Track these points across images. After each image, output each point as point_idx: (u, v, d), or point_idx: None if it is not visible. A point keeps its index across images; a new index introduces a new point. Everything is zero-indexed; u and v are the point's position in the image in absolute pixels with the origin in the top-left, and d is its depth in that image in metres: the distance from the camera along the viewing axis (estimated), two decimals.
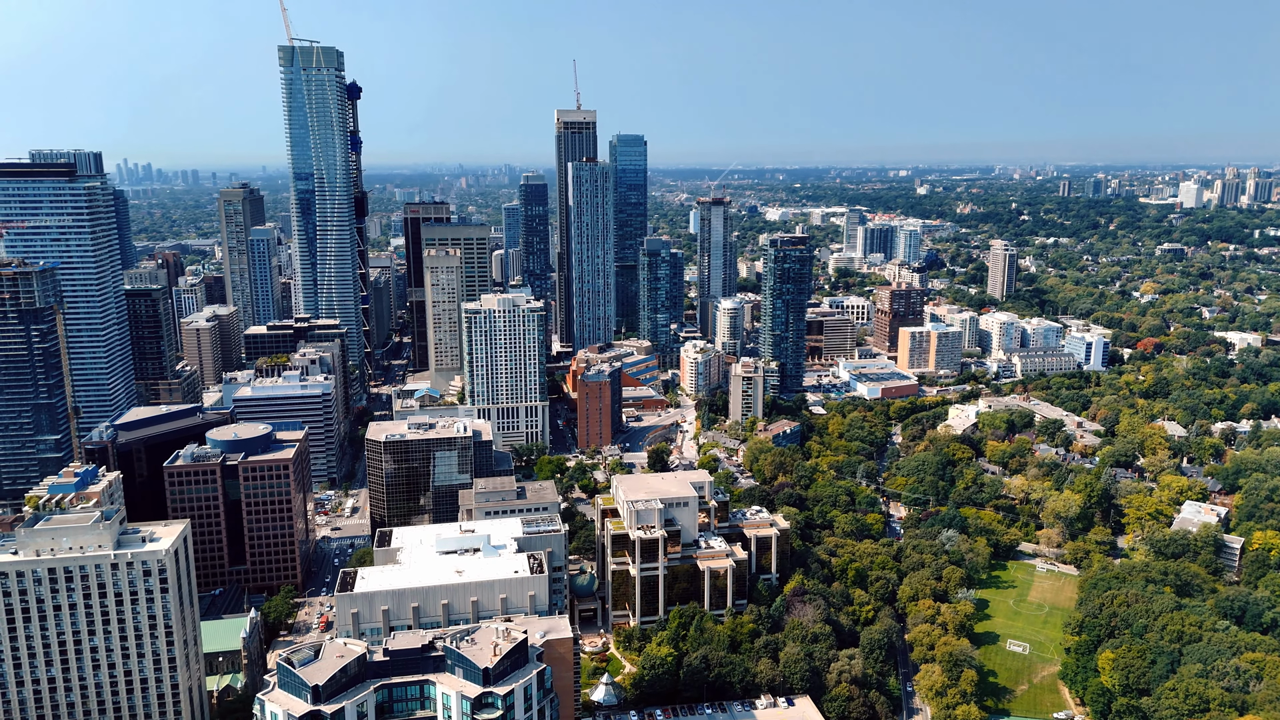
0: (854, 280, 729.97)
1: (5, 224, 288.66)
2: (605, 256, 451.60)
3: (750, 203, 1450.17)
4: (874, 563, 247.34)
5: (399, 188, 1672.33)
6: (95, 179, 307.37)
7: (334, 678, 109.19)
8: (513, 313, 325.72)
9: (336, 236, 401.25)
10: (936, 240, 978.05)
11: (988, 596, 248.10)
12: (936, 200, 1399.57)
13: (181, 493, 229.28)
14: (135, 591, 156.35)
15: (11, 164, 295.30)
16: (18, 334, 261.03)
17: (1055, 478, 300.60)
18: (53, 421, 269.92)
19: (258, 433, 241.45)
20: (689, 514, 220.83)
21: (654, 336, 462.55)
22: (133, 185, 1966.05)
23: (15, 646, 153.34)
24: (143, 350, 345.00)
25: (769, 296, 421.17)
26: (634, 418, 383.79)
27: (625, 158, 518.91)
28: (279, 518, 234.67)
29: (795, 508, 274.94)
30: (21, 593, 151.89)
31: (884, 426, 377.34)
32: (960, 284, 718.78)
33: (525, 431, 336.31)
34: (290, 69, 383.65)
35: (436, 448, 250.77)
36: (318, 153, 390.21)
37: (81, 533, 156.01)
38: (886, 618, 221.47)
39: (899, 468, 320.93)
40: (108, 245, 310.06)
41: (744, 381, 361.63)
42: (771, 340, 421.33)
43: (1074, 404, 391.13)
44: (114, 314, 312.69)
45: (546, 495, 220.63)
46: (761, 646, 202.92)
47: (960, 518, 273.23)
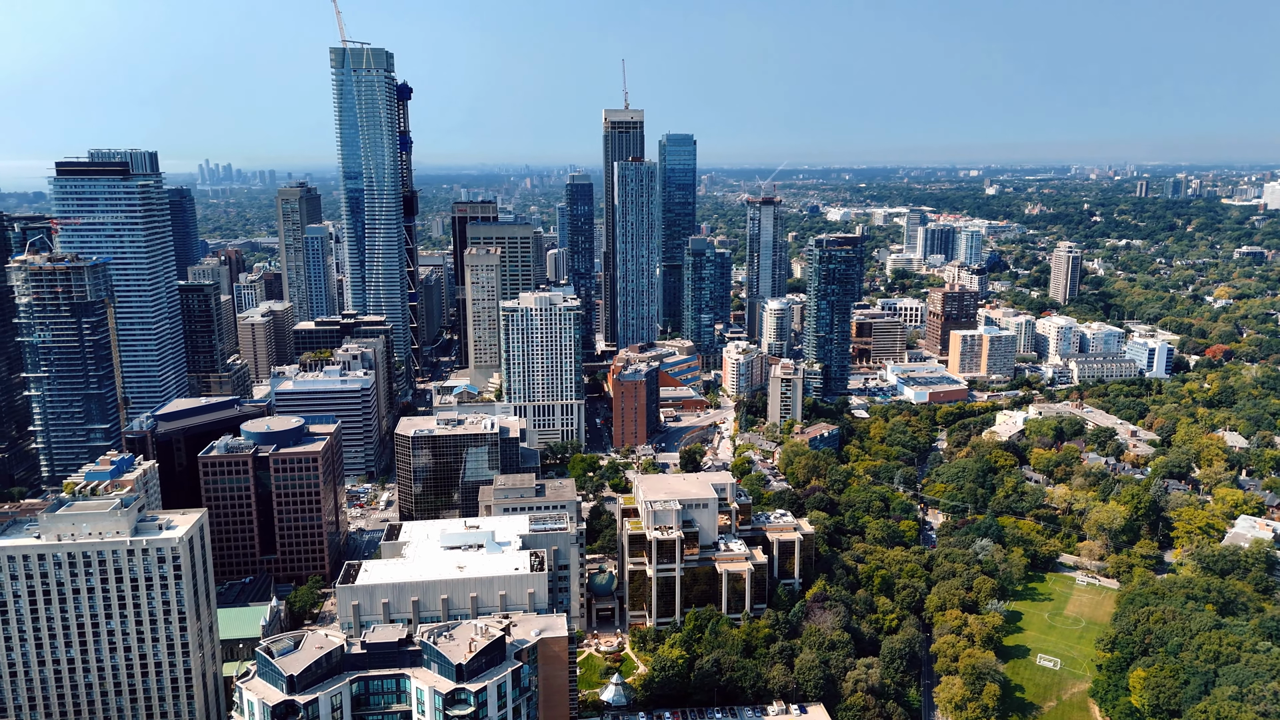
0: (911, 282, 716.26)
1: (63, 220, 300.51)
2: (650, 256, 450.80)
3: (812, 202, 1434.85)
4: (902, 570, 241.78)
5: (465, 188, 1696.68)
6: (149, 178, 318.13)
7: (310, 668, 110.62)
8: (550, 311, 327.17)
9: (385, 235, 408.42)
10: (1002, 242, 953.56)
11: (1021, 609, 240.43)
12: (1005, 201, 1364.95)
13: (215, 482, 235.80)
14: (150, 577, 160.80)
15: (69, 162, 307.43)
16: (70, 326, 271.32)
17: (1102, 488, 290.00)
18: (102, 411, 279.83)
19: (290, 425, 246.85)
20: (708, 516, 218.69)
21: (697, 337, 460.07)
22: (213, 185, 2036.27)
23: (37, 627, 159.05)
24: (195, 343, 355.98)
25: (813, 297, 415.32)
26: (672, 418, 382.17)
27: (674, 157, 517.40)
28: (308, 509, 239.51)
29: (825, 512, 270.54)
30: (43, 575, 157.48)
31: (929, 432, 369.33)
32: (1022, 287, 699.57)
33: (561, 429, 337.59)
34: (341, 70, 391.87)
35: (463, 444, 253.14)
36: (367, 152, 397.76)
37: (101, 519, 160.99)
38: (910, 627, 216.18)
39: (938, 474, 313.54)
40: (160, 241, 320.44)
41: (782, 383, 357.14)
42: (815, 342, 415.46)
43: (1130, 412, 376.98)
44: (165, 308, 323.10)
45: (565, 494, 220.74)
46: (777, 652, 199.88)
47: (997, 527, 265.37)
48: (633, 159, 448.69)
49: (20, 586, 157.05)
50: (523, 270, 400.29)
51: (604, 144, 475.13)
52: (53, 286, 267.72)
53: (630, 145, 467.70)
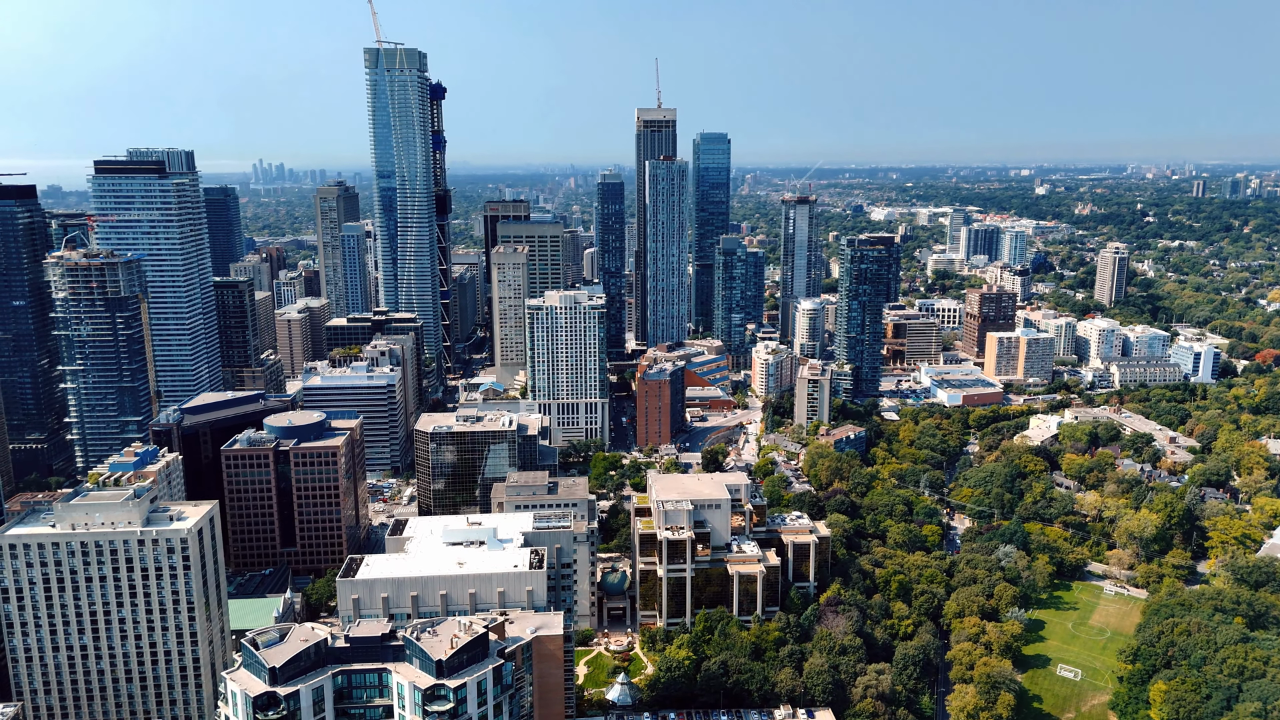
0: (951, 282, 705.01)
1: (102, 217, 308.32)
2: (680, 255, 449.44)
3: (857, 202, 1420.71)
4: (922, 576, 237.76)
5: (510, 187, 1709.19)
6: (184, 176, 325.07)
7: (292, 661, 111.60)
8: (575, 309, 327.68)
9: (416, 233, 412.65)
10: (1049, 242, 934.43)
11: (1045, 617, 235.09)
12: (1055, 200, 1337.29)
13: (237, 475, 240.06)
14: (160, 567, 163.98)
15: (107, 161, 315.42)
16: (104, 321, 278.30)
17: (1135, 495, 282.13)
18: (135, 403, 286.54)
19: (311, 420, 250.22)
20: (720, 516, 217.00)
21: (728, 336, 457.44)
22: (266, 184, 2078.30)
23: (51, 614, 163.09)
24: (229, 339, 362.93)
25: (845, 298, 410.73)
26: (699, 417, 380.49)
27: (708, 156, 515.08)
28: (327, 502, 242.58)
29: (846, 515, 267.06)
30: (56, 564, 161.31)
31: (960, 435, 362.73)
32: (1067, 288, 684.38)
33: (585, 427, 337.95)
34: (375, 70, 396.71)
35: (482, 441, 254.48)
36: (399, 151, 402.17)
37: (113, 509, 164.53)
38: (926, 633, 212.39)
39: (966, 478, 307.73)
40: (194, 238, 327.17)
41: (809, 384, 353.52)
42: (846, 343, 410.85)
43: (1171, 418, 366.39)
44: (200, 303, 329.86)
45: (577, 492, 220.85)
46: (786, 655, 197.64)
47: (1022, 533, 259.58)
48: (664, 158, 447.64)
49: (35, 574, 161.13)
50: (552, 268, 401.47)
51: (636, 143, 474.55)
52: (88, 282, 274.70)
53: (662, 144, 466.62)
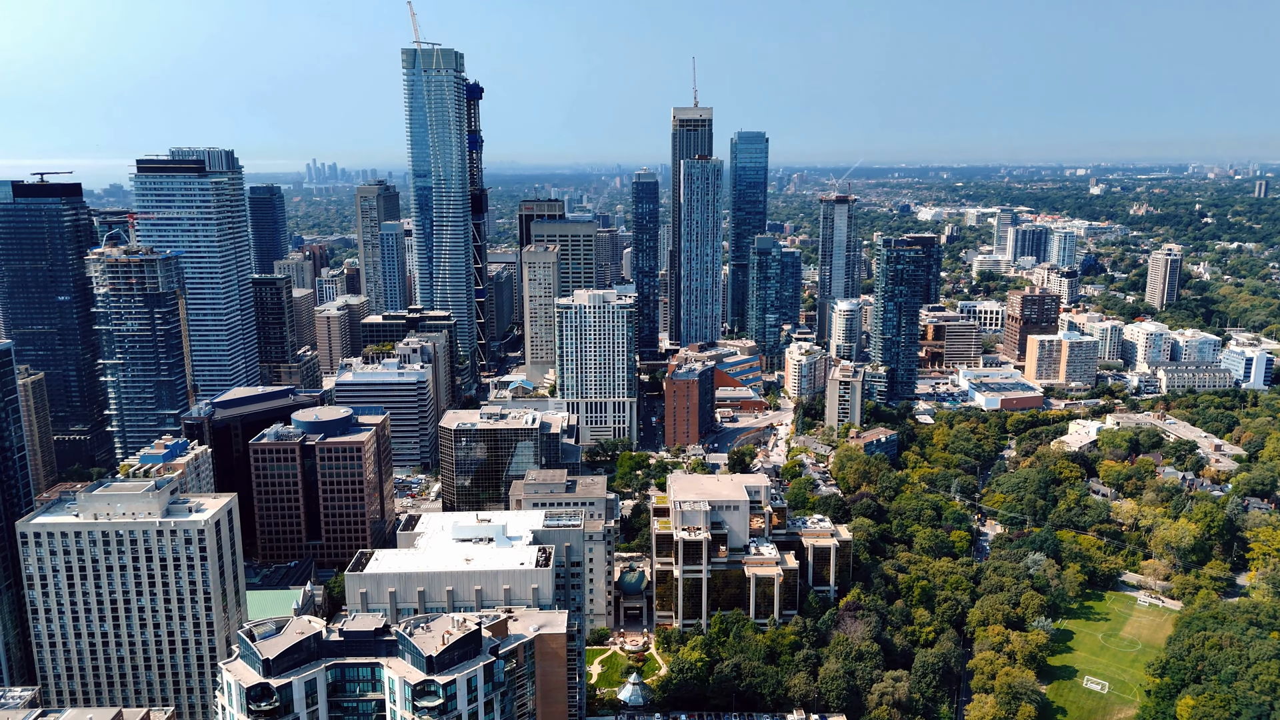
0: (996, 284, 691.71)
1: (143, 215, 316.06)
2: (714, 254, 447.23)
3: (905, 202, 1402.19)
4: (946, 582, 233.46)
5: (556, 187, 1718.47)
6: (223, 175, 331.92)
7: (286, 653, 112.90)
8: (603, 309, 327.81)
9: (451, 232, 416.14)
10: (1101, 244, 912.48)
11: (1074, 628, 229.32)
12: (1109, 201, 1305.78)
13: (265, 468, 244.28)
14: (178, 557, 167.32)
15: (149, 160, 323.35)
16: (143, 316, 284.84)
17: (1174, 504, 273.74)
18: (172, 397, 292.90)
19: (338, 415, 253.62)
20: (738, 518, 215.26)
21: (762, 337, 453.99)
22: (319, 183, 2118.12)
23: (74, 601, 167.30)
24: (267, 335, 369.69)
25: (880, 298, 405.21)
26: (729, 418, 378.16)
27: (745, 155, 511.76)
28: (352, 497, 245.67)
29: (871, 519, 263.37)
30: (79, 552, 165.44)
31: (996, 440, 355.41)
32: (1117, 291, 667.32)
33: (613, 426, 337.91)
34: (412, 70, 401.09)
35: (504, 438, 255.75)
36: (435, 151, 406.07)
37: (134, 500, 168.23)
38: (948, 641, 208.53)
39: (998, 484, 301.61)
40: (233, 235, 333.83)
41: (841, 386, 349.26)
42: (881, 344, 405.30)
43: (1218, 425, 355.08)
44: (238, 300, 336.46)
45: (595, 490, 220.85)
46: (801, 660, 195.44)
47: (1053, 541, 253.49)
48: (699, 157, 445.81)
49: (59, 562, 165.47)
50: (585, 267, 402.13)
51: (672, 142, 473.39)
52: (127, 278, 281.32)
53: (698, 143, 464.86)
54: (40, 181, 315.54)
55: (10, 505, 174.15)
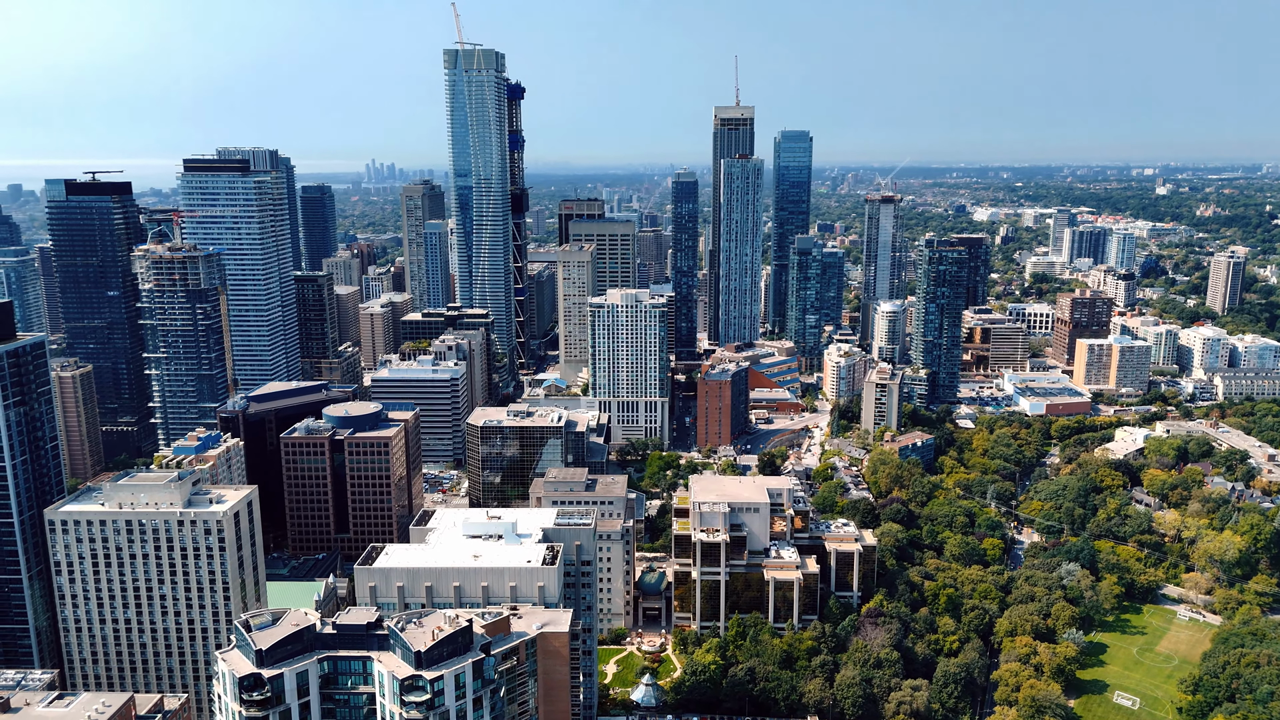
0: (1049, 286, 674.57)
1: (189, 213, 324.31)
2: (753, 254, 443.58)
3: (960, 202, 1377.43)
4: (975, 590, 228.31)
5: (609, 187, 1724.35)
6: (266, 174, 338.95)
7: (279, 644, 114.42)
8: (635, 308, 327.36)
9: (491, 231, 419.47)
10: (1164, 245, 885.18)
11: (1108, 641, 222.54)
12: (1175, 201, 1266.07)
13: (295, 462, 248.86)
14: (198, 547, 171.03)
15: (195, 159, 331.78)
16: (185, 311, 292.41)
17: (1220, 515, 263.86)
18: (213, 390, 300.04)
19: (367, 411, 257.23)
20: (759, 520, 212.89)
21: (801, 338, 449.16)
22: (377, 183, 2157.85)
23: (99, 588, 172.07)
24: (309, 331, 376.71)
25: (922, 300, 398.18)
26: (764, 419, 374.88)
27: (788, 154, 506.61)
28: (378, 491, 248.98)
29: (901, 525, 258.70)
30: (104, 540, 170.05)
31: (1038, 446, 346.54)
32: (1177, 294, 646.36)
33: (644, 426, 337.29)
34: (453, 71, 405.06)
35: (529, 436, 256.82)
36: (475, 150, 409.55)
37: (156, 490, 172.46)
38: (972, 651, 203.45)
39: (1036, 491, 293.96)
40: (275, 233, 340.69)
41: (878, 388, 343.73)
42: (923, 346, 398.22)
43: (1274, 434, 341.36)
44: (279, 296, 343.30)
45: (615, 490, 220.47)
46: (818, 665, 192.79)
47: (1090, 550, 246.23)
48: (739, 156, 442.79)
49: (85, 549, 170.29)
50: (622, 266, 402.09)
51: (713, 141, 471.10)
52: (171, 274, 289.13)
53: (739, 142, 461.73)
54: (92, 180, 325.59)
55: (43, 493, 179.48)
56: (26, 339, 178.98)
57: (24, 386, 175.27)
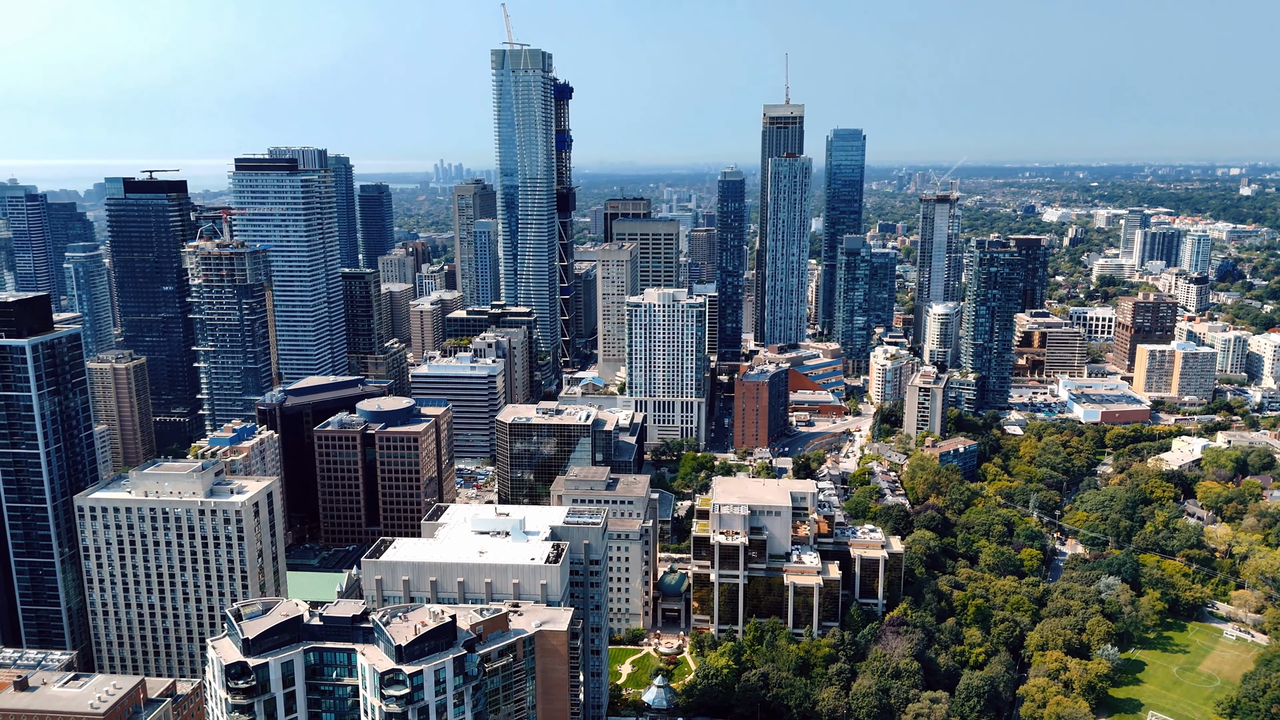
0: (1117, 289, 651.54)
1: (238, 210, 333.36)
2: (800, 255, 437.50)
3: (1030, 202, 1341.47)
4: (1007, 602, 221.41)
5: (670, 186, 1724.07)
6: (314, 173, 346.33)
7: (265, 634, 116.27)
8: (673, 307, 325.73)
9: (535, 230, 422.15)
10: (1244, 248, 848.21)
11: (1147, 659, 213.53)
12: (1260, 202, 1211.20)
13: (328, 455, 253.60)
14: (218, 536, 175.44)
15: (246, 158, 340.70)
16: (232, 306, 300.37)
17: (1277, 530, 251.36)
18: (257, 383, 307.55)
19: (399, 406, 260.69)
20: (780, 524, 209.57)
21: (848, 340, 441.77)
22: (444, 183, 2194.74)
23: (124, 573, 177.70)
24: (355, 326, 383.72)
25: (972, 303, 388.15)
26: (805, 422, 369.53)
27: (841, 153, 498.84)
28: (408, 485, 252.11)
29: (935, 532, 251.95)
30: (129, 527, 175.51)
31: (1090, 455, 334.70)
32: (1254, 299, 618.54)
33: (681, 426, 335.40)
34: (500, 71, 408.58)
35: (557, 433, 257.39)
36: (521, 150, 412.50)
37: (180, 479, 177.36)
38: (999, 664, 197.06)
39: (1083, 501, 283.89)
40: (322, 231, 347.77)
41: (921, 392, 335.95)
42: (972, 350, 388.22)
43: None
44: (325, 292, 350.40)
45: (635, 490, 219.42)
46: (835, 673, 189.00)
47: (1132, 564, 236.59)
48: (787, 155, 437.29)
49: (112, 535, 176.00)
50: (665, 266, 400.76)
51: (762, 140, 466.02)
52: (219, 270, 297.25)
53: (788, 141, 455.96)
54: (149, 179, 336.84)
55: (76, 480, 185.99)
56: (62, 331, 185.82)
57: (58, 377, 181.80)
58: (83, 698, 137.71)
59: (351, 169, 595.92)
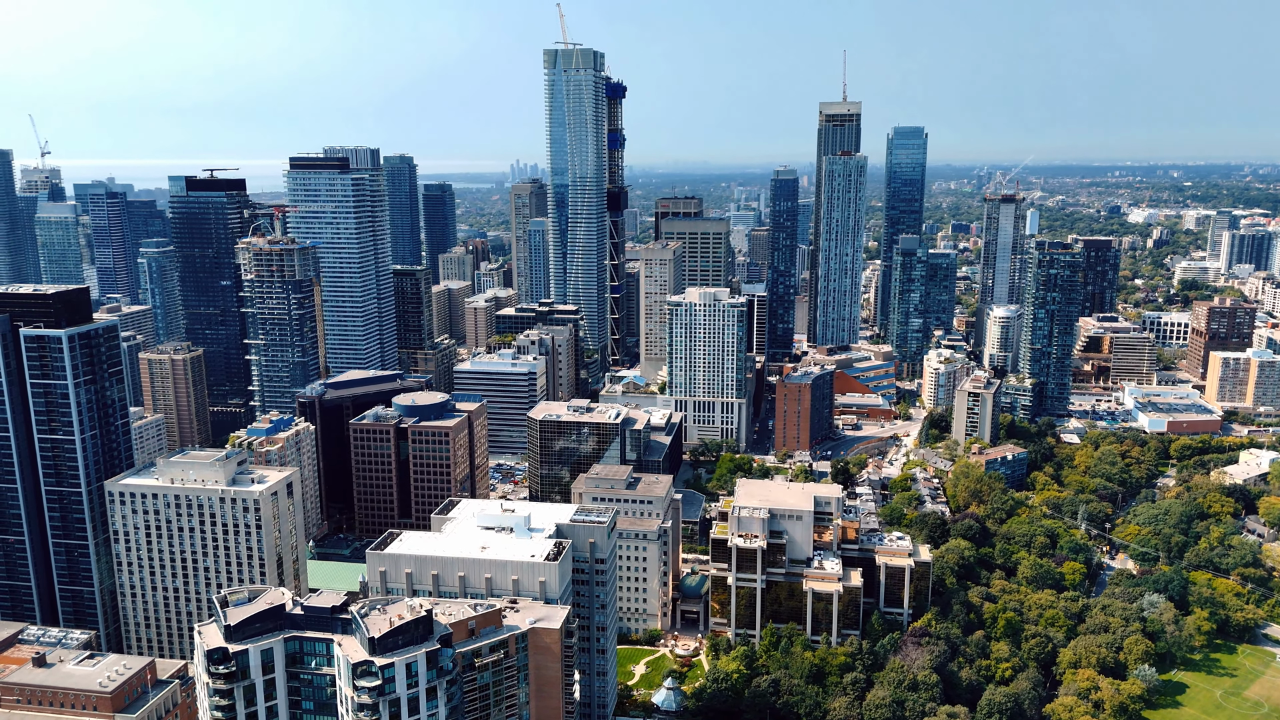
0: (1198, 294, 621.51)
1: (291, 207, 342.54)
2: (854, 255, 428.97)
3: (1116, 203, 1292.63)
4: (1041, 617, 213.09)
5: (741, 186, 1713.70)
6: (364, 172, 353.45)
7: (246, 621, 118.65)
8: (714, 307, 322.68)
9: (585, 229, 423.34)
10: None
11: (1190, 681, 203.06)
12: None
13: (362, 447, 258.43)
14: (237, 524, 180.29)
15: (300, 157, 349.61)
16: (281, 300, 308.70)
17: None
18: (305, 376, 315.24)
19: (434, 400, 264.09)
20: (801, 528, 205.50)
21: (903, 342, 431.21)
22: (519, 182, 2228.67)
23: (151, 557, 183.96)
24: (406, 322, 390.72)
25: (1030, 306, 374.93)
26: (852, 425, 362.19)
27: (901, 151, 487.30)
28: (439, 479, 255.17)
29: (971, 542, 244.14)
30: (156, 512, 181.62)
31: (1152, 466, 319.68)
32: None
33: (721, 427, 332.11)
34: (553, 70, 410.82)
35: (587, 431, 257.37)
36: (572, 149, 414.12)
37: (204, 467, 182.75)
38: (1025, 681, 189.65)
39: (1135, 514, 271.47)
40: (372, 228, 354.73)
41: (970, 397, 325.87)
42: (1030, 355, 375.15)
43: None
44: (375, 288, 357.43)
45: (655, 490, 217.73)
46: (849, 683, 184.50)
47: (1181, 581, 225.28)
48: (841, 153, 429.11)
49: (139, 520, 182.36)
50: (713, 265, 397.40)
51: (817, 138, 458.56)
52: (269, 265, 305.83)
53: (844, 139, 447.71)
54: (210, 177, 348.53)
55: (111, 466, 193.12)
56: (99, 322, 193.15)
57: (95, 366, 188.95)
58: (93, 676, 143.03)
59: (415, 168, 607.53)
